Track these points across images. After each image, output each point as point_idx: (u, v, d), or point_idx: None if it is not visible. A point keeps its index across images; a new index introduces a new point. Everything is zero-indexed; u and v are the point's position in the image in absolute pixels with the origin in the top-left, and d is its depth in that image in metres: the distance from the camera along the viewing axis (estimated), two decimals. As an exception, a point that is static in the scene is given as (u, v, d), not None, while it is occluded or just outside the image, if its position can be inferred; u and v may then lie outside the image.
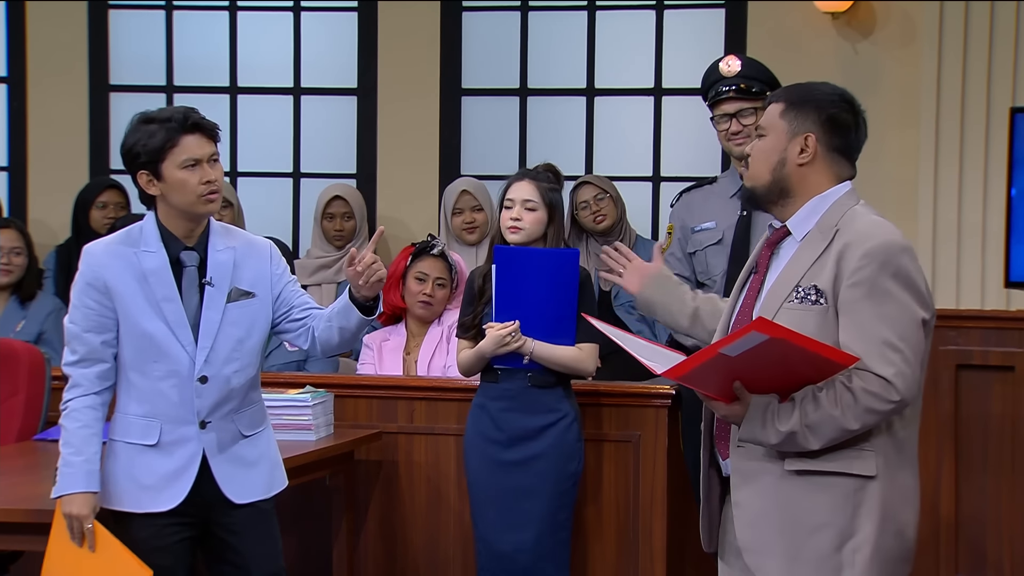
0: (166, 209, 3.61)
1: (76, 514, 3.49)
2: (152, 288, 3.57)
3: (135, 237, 3.63)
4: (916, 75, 6.46)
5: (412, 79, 6.98)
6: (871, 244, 2.97)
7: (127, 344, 3.58)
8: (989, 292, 6.24)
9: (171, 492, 3.58)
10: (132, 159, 3.60)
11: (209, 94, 7.20)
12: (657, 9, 6.87)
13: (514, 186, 4.44)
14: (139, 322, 3.56)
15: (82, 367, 3.58)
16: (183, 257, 3.61)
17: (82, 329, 3.57)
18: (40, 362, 4.82)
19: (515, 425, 4.35)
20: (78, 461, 3.51)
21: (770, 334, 2.83)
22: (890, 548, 3.01)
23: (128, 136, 3.62)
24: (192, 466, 3.60)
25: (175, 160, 3.56)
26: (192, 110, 3.64)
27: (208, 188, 3.58)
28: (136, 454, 3.59)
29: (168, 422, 3.59)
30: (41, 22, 7.24)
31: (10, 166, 7.31)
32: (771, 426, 2.94)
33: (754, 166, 3.13)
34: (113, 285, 3.57)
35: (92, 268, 3.59)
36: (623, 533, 4.67)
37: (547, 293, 4.32)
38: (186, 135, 3.58)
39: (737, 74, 4.55)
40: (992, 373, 4.98)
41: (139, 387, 3.59)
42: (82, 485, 3.50)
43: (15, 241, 5.65)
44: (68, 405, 3.57)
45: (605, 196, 5.89)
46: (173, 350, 3.57)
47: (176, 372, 3.58)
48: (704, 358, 2.90)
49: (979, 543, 5.00)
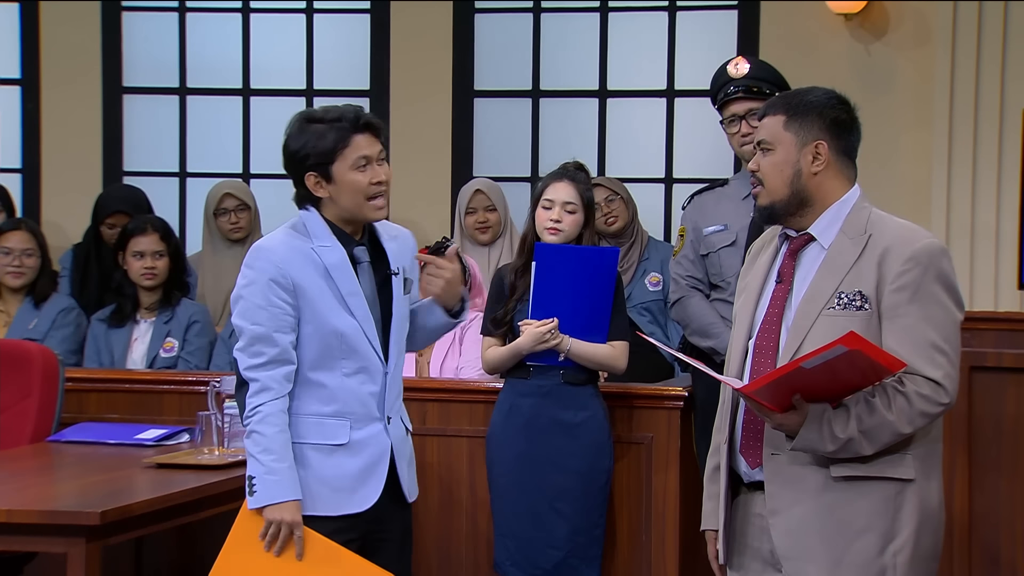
0: (332, 209, 3.51)
1: (290, 520, 3.36)
2: (336, 283, 3.46)
3: (303, 233, 3.51)
4: (929, 76, 6.45)
5: (424, 81, 6.99)
6: (915, 248, 3.00)
7: (312, 343, 3.46)
8: (1003, 294, 6.23)
9: (364, 492, 3.49)
10: (300, 161, 3.49)
11: (222, 96, 7.22)
12: (669, 11, 6.87)
13: (553, 186, 4.44)
14: (328, 319, 3.45)
15: (270, 369, 3.42)
16: (357, 253, 3.52)
17: (271, 329, 3.43)
18: (54, 364, 4.83)
19: (549, 421, 4.37)
20: (283, 468, 3.38)
21: (851, 347, 2.84)
22: (927, 548, 3.06)
23: (293, 138, 3.51)
24: (382, 463, 3.51)
25: (347, 160, 3.46)
26: (360, 108, 3.53)
27: (377, 189, 3.48)
28: (324, 456, 3.47)
29: (357, 420, 3.48)
30: (55, 24, 7.26)
31: (24, 168, 7.33)
32: (828, 433, 2.95)
33: (770, 182, 3.10)
34: (300, 282, 3.44)
35: (276, 265, 3.45)
36: (635, 535, 4.67)
37: (584, 291, 4.35)
38: (357, 134, 3.48)
39: (745, 75, 4.56)
40: (1006, 375, 4.97)
41: (326, 386, 3.47)
42: (291, 493, 3.38)
43: (28, 243, 5.66)
44: (259, 410, 3.41)
45: (616, 198, 5.89)
46: (362, 346, 3.47)
47: (366, 368, 3.48)
48: (784, 372, 2.90)
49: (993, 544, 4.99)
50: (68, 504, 3.71)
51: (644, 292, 5.82)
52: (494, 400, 4.53)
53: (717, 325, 4.52)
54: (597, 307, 4.37)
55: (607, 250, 4.46)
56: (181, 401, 4.92)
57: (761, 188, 3.11)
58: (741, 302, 3.18)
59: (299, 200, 3.57)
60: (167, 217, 5.78)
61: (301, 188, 3.54)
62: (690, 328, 4.64)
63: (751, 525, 3.11)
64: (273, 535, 3.38)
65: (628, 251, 5.83)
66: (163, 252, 5.48)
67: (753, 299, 3.14)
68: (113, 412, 4.97)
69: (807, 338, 3.00)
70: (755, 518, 3.10)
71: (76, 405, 4.95)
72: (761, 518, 3.08)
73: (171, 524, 3.98)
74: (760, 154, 3.11)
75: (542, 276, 4.34)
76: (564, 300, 4.36)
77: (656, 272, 5.86)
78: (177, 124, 7.28)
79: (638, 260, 5.89)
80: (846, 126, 3.12)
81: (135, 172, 7.22)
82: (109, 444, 4.57)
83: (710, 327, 4.54)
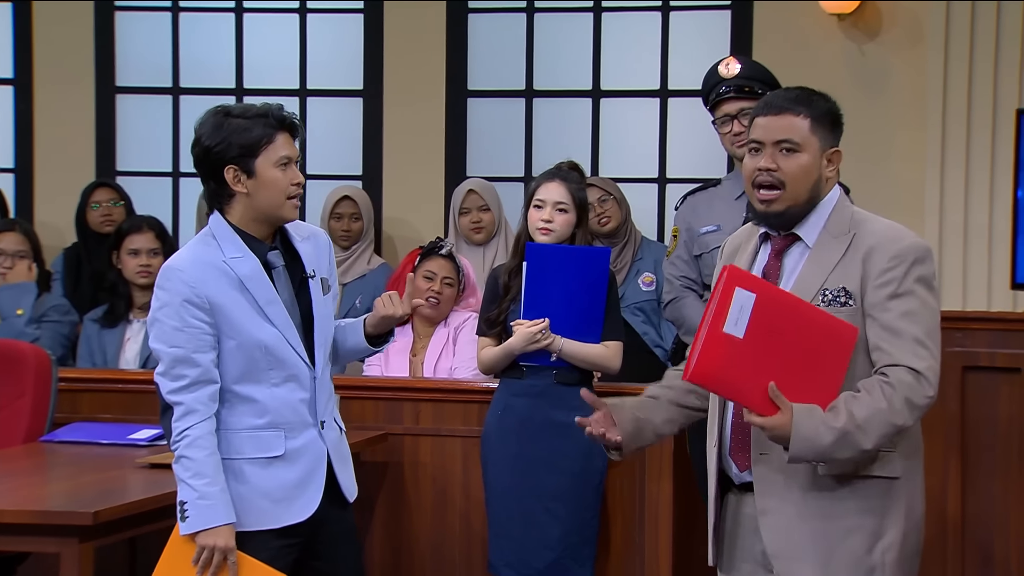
0: (243, 211, 3.44)
1: (224, 547, 3.33)
2: (253, 294, 3.42)
3: (213, 246, 3.44)
4: (922, 76, 6.45)
5: (418, 81, 6.98)
6: (900, 247, 3.02)
7: (235, 358, 3.41)
8: (996, 294, 6.23)
9: (304, 500, 3.46)
10: (218, 154, 3.39)
11: (215, 96, 7.20)
12: (663, 11, 6.87)
13: (545, 186, 4.44)
14: (249, 332, 3.40)
15: (193, 391, 3.37)
16: (271, 258, 3.47)
17: (190, 351, 3.36)
18: (47, 364, 4.83)
19: (542, 422, 4.37)
20: (215, 491, 3.34)
21: (748, 286, 2.85)
22: (913, 545, 3.09)
23: (210, 131, 3.41)
24: (320, 470, 3.48)
25: (270, 157, 3.41)
26: (281, 107, 3.49)
27: (296, 190, 3.44)
28: (262, 468, 3.44)
29: (291, 429, 3.45)
30: (47, 24, 7.25)
31: (16, 168, 7.32)
32: (823, 425, 2.92)
33: (793, 186, 3.06)
34: (214, 299, 3.39)
35: (188, 284, 3.38)
36: (629, 536, 4.67)
37: (577, 291, 4.35)
38: (281, 132, 3.44)
39: (737, 75, 4.57)
40: (999, 375, 4.97)
41: (255, 399, 3.43)
42: (224, 517, 3.34)
43: (20, 244, 5.65)
44: (187, 433, 3.36)
45: (609, 198, 5.88)
46: (287, 354, 3.44)
47: (294, 376, 3.45)
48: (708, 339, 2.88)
49: (986, 545, 4.99)
50: (61, 504, 3.70)
51: (637, 292, 5.82)
52: (488, 400, 4.53)
53: (710, 325, 4.52)
54: (589, 307, 4.37)
55: (598, 250, 4.46)
56: (174, 401, 4.90)
57: (780, 191, 3.06)
58: None
59: (209, 198, 3.50)
60: (160, 217, 5.77)
61: (213, 184, 3.44)
62: (684, 328, 4.65)
63: (742, 526, 3.12)
64: (206, 561, 3.33)
65: (621, 251, 5.83)
66: (158, 250, 5.47)
67: None
68: (106, 412, 4.97)
69: None
70: (746, 519, 3.11)
71: (69, 405, 4.95)
72: (752, 519, 3.09)
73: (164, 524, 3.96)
74: (781, 154, 3.06)
75: (533, 276, 4.34)
76: (556, 300, 4.35)
77: (649, 272, 5.86)
78: (170, 124, 7.27)
79: (631, 260, 5.88)
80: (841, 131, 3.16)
81: (128, 172, 7.21)
82: (102, 444, 4.57)
83: (704, 327, 4.54)
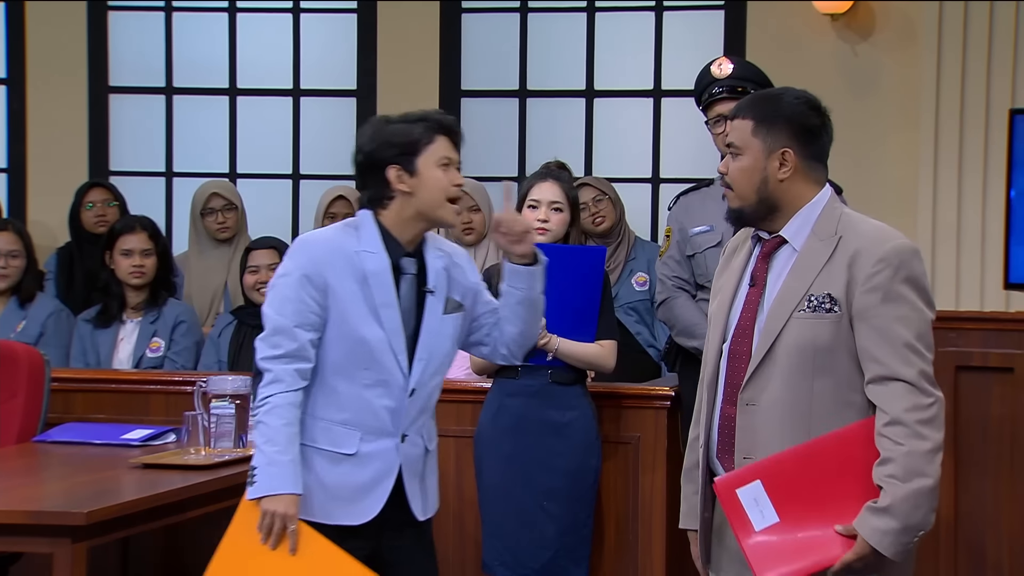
0: (398, 211, 3.43)
1: (283, 512, 3.29)
2: (372, 292, 3.39)
3: (352, 236, 3.44)
4: (915, 76, 6.46)
5: (411, 81, 6.98)
6: (885, 249, 2.99)
7: (336, 347, 3.39)
8: (988, 294, 6.24)
9: (364, 506, 3.42)
10: (380, 155, 3.41)
11: (208, 96, 7.22)
12: (656, 11, 6.88)
13: (539, 186, 4.44)
14: (356, 326, 3.38)
15: (284, 363, 3.35)
16: (403, 263, 3.44)
17: (293, 324, 3.36)
18: (40, 364, 4.82)
19: (537, 421, 4.36)
20: (285, 460, 3.31)
21: (744, 481, 2.93)
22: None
23: (369, 137, 3.44)
24: (387, 480, 3.43)
25: (431, 156, 3.41)
26: (442, 112, 3.50)
27: (458, 192, 3.43)
28: (329, 463, 3.41)
29: (368, 432, 3.42)
30: (40, 23, 7.24)
31: (9, 167, 7.32)
32: (884, 515, 2.90)
33: (738, 187, 3.11)
34: (333, 284, 3.38)
35: (314, 262, 3.39)
36: (623, 535, 4.68)
37: (572, 290, 4.34)
38: (442, 135, 3.43)
39: (729, 75, 4.57)
40: (991, 375, 4.98)
41: (342, 393, 3.41)
42: (290, 485, 3.31)
43: (13, 244, 5.64)
44: (269, 400, 3.35)
45: (604, 198, 5.88)
46: (386, 359, 3.40)
47: (385, 382, 3.41)
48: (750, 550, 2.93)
49: (978, 545, 5.00)
50: (54, 504, 3.70)
51: (631, 292, 5.82)
52: (481, 400, 4.53)
53: (702, 325, 4.49)
54: (584, 306, 4.37)
55: (594, 249, 4.47)
56: (167, 401, 4.91)
57: (730, 191, 3.12)
58: (716, 305, 3.19)
59: (368, 201, 3.47)
60: (153, 217, 5.77)
61: (375, 188, 3.44)
62: (676, 328, 4.65)
63: (728, 526, 3.12)
64: (268, 526, 3.32)
65: (615, 251, 5.84)
66: (151, 251, 5.47)
67: (727, 302, 3.14)
68: (99, 412, 4.96)
69: (778, 341, 3.01)
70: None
71: (62, 405, 4.94)
72: None
73: (157, 524, 3.97)
74: (729, 157, 3.12)
75: None
76: (551, 299, 4.34)
77: (643, 272, 5.86)
78: (163, 124, 7.27)
79: (625, 260, 5.89)
80: (814, 131, 3.10)
81: (121, 172, 7.21)
82: (95, 444, 4.56)
83: (695, 327, 4.54)
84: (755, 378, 3.02)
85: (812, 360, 2.99)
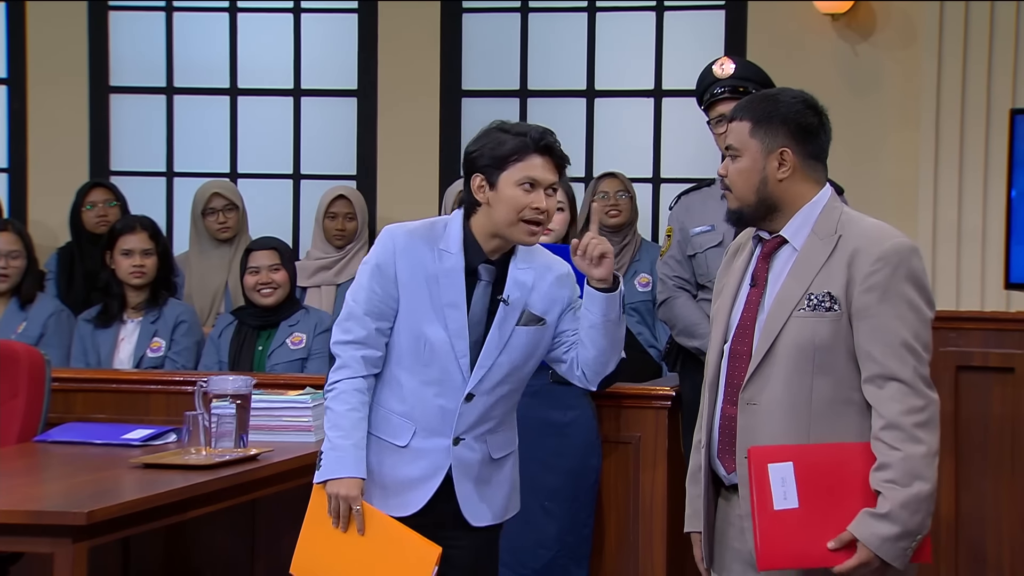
0: (483, 220, 3.41)
1: (345, 495, 3.33)
2: (440, 290, 3.40)
3: (438, 234, 3.45)
4: (916, 76, 6.46)
5: (412, 80, 6.99)
6: (884, 248, 2.99)
7: (402, 339, 3.41)
8: (989, 293, 6.24)
9: (408, 499, 3.43)
10: (473, 160, 3.41)
11: (209, 96, 7.22)
12: (657, 11, 6.88)
13: None
14: (419, 322, 3.39)
15: (352, 349, 3.40)
16: (480, 270, 3.43)
17: (364, 311, 3.40)
18: (40, 364, 4.82)
19: (537, 421, 4.36)
20: (347, 445, 3.35)
21: (779, 458, 2.90)
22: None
23: (476, 139, 3.43)
24: (435, 478, 3.43)
25: (515, 174, 3.36)
26: (549, 132, 3.41)
27: (535, 215, 3.36)
28: (383, 451, 3.43)
29: (423, 429, 3.42)
30: (41, 23, 7.25)
31: (10, 167, 7.32)
32: (885, 520, 2.91)
33: (737, 188, 3.11)
34: (403, 277, 3.40)
35: (390, 252, 3.41)
36: (623, 535, 4.68)
37: None
38: (536, 154, 3.37)
39: (731, 75, 4.57)
40: (992, 374, 4.98)
41: (404, 385, 3.42)
42: (351, 469, 3.35)
43: (13, 244, 5.64)
44: (336, 386, 3.40)
45: (626, 195, 5.95)
46: (446, 359, 3.40)
47: (443, 382, 3.41)
48: (762, 523, 2.91)
49: (979, 544, 5.00)
50: (54, 504, 3.70)
51: (633, 293, 5.83)
52: (481, 400, 4.52)
53: (703, 325, 4.52)
54: None
55: None
56: (168, 401, 4.91)
57: (730, 193, 3.13)
58: (718, 305, 3.19)
59: (464, 202, 3.48)
60: (154, 217, 5.78)
61: (467, 191, 3.44)
62: (676, 328, 4.65)
63: (731, 527, 3.12)
64: (335, 509, 3.36)
65: (621, 252, 5.85)
66: (152, 251, 5.47)
67: (729, 302, 3.15)
68: (100, 412, 4.96)
69: (778, 340, 3.01)
70: (735, 519, 3.11)
71: (63, 405, 4.94)
72: (741, 519, 3.09)
73: (158, 524, 3.97)
74: (728, 159, 3.13)
75: None
76: None
77: (646, 273, 5.88)
78: (164, 124, 7.28)
79: (629, 261, 5.90)
80: (813, 130, 3.10)
81: (122, 172, 7.21)
82: (96, 444, 4.56)
83: (696, 327, 4.54)
84: (755, 377, 3.02)
85: (812, 359, 2.99)
